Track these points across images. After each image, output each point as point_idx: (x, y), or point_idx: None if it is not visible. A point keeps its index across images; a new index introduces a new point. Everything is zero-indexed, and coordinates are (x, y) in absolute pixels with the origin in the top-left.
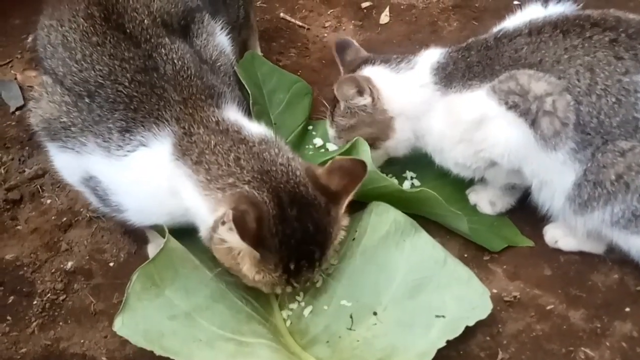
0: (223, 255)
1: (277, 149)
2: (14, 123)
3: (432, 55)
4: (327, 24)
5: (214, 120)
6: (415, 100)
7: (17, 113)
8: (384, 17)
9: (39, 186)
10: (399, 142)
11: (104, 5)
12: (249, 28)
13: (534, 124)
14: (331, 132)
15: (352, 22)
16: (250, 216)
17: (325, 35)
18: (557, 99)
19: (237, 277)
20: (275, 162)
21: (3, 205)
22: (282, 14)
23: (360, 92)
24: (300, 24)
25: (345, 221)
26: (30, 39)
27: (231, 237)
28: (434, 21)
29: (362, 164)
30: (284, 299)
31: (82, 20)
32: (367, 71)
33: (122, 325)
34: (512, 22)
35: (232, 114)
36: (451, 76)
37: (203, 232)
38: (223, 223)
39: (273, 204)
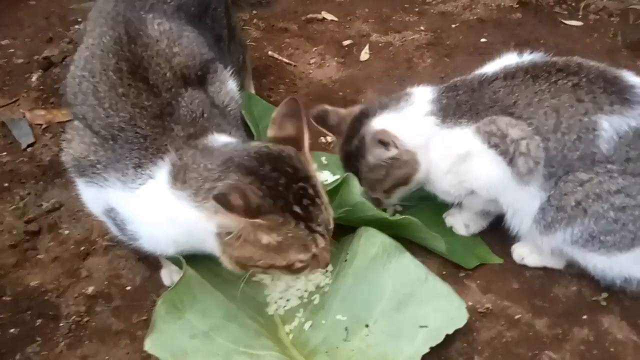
0: (242, 246)
1: (236, 144)
2: (26, 159)
3: (424, 92)
4: (312, 61)
5: (200, 145)
6: (423, 130)
7: (28, 150)
8: (364, 54)
9: (56, 218)
10: (423, 171)
11: (132, 61)
12: (244, 69)
13: (511, 162)
14: (362, 189)
15: (335, 59)
16: (233, 196)
17: (311, 71)
18: (530, 142)
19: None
20: (233, 149)
21: (23, 236)
22: (270, 52)
23: (386, 146)
24: (288, 61)
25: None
26: (34, 77)
27: (229, 220)
28: (410, 58)
29: (293, 101)
30: (286, 316)
31: (111, 73)
32: (377, 123)
33: (152, 345)
34: (491, 67)
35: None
36: (445, 112)
37: (216, 247)
38: (215, 212)
39: (243, 175)
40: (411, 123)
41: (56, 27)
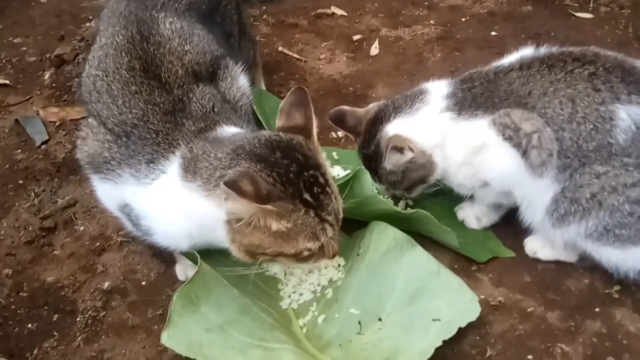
0: (251, 232)
1: (245, 134)
2: (40, 156)
3: (439, 87)
4: (322, 56)
5: (213, 135)
6: (439, 128)
7: (42, 147)
8: (374, 49)
9: (72, 214)
10: (440, 170)
11: (144, 59)
12: (255, 65)
13: (524, 154)
14: (382, 187)
15: (345, 54)
16: (244, 182)
17: (321, 66)
18: (541, 135)
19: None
20: (243, 138)
21: (39, 232)
22: (280, 48)
23: (401, 151)
24: (298, 56)
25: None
26: (47, 75)
27: (239, 206)
28: (420, 52)
29: (301, 90)
30: (300, 310)
31: (124, 72)
32: (390, 129)
33: (168, 338)
34: (508, 59)
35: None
36: (461, 105)
37: (225, 236)
38: (225, 199)
39: (254, 162)
40: (426, 123)
41: (68, 25)
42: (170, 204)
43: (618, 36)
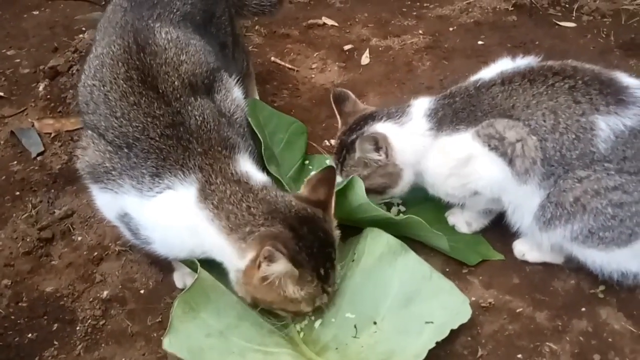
0: (266, 291)
1: (275, 192)
2: (37, 168)
3: (422, 104)
4: (313, 66)
5: (229, 171)
6: (418, 148)
7: (38, 158)
8: (365, 59)
9: (69, 225)
10: (404, 187)
11: (141, 70)
12: (248, 76)
13: (510, 162)
14: (339, 179)
15: (337, 63)
16: (279, 245)
17: (313, 76)
18: (525, 144)
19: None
20: (277, 201)
21: (37, 243)
22: (273, 58)
23: (377, 149)
24: (290, 66)
25: (335, 223)
26: (41, 87)
27: (273, 269)
28: (409, 61)
29: (331, 170)
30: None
31: (122, 82)
32: (380, 128)
33: (170, 344)
34: (487, 73)
35: (244, 164)
36: (442, 121)
37: (232, 274)
38: (259, 263)
39: (287, 230)
40: (409, 140)
41: (61, 37)
42: (175, 218)
43: (600, 44)
